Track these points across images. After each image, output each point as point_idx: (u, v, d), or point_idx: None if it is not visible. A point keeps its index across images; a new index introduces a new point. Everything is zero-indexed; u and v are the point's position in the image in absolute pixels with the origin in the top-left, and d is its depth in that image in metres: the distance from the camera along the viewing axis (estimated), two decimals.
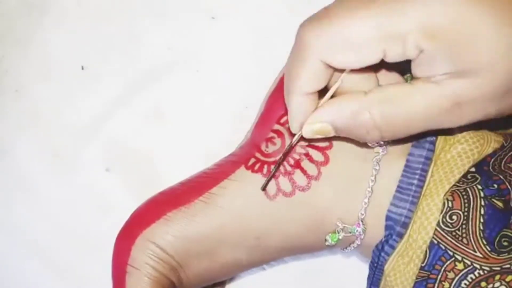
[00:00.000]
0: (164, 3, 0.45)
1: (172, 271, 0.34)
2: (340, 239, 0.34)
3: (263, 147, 0.36)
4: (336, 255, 0.43)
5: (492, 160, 0.33)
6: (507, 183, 0.32)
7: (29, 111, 0.45)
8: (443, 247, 0.31)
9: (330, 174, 0.34)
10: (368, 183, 0.33)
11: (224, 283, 0.42)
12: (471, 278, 0.31)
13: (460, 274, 0.31)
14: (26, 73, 0.45)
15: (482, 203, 0.31)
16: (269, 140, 0.36)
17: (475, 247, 0.31)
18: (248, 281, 0.43)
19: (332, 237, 0.34)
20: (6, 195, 0.45)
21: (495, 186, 0.32)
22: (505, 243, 0.31)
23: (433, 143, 0.33)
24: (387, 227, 0.33)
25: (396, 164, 0.33)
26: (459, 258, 0.31)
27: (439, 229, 0.31)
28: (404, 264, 0.32)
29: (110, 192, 0.45)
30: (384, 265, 0.33)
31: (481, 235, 0.31)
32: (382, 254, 0.33)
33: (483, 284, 0.31)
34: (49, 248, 0.44)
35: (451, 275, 0.31)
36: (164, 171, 0.44)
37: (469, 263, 0.31)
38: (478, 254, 0.31)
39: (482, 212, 0.31)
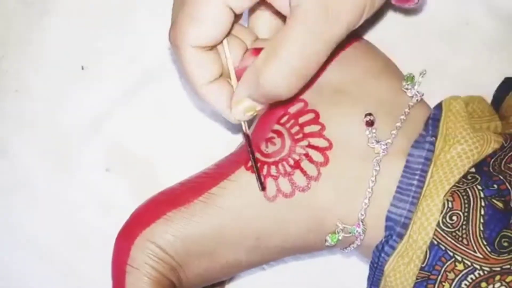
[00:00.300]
0: (164, 3, 0.45)
1: (171, 271, 0.34)
2: (340, 239, 0.34)
3: (263, 147, 0.36)
4: (336, 255, 0.42)
5: (492, 160, 0.33)
6: (507, 184, 0.32)
7: (29, 111, 0.45)
8: (443, 248, 0.31)
9: (330, 175, 0.34)
10: (368, 184, 0.33)
11: (223, 283, 0.42)
12: (471, 278, 0.31)
13: (460, 275, 0.31)
14: (26, 73, 0.45)
15: (482, 204, 0.31)
16: (269, 140, 0.36)
17: (475, 247, 0.31)
18: (248, 281, 0.43)
19: (332, 237, 0.34)
20: (6, 195, 0.45)
21: (495, 186, 0.32)
22: (505, 244, 0.31)
23: (432, 143, 0.33)
24: (387, 227, 0.33)
25: (396, 164, 0.33)
26: (459, 259, 0.31)
27: (439, 229, 0.31)
28: (404, 264, 0.32)
29: (110, 192, 0.44)
30: (384, 265, 0.33)
31: (481, 235, 0.31)
32: (382, 255, 0.33)
33: (483, 284, 0.31)
34: (49, 248, 0.44)
35: (451, 275, 0.31)
36: (164, 171, 0.44)
37: (469, 263, 0.31)
38: (478, 254, 0.31)
39: (482, 212, 0.31)
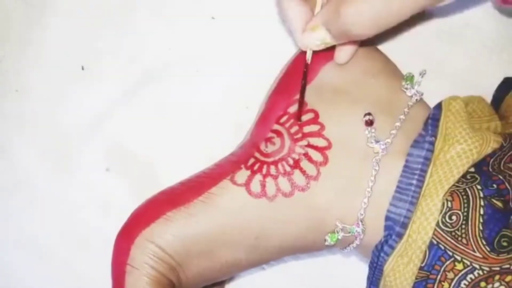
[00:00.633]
0: (164, 3, 0.45)
1: (171, 271, 0.34)
2: (339, 239, 0.34)
3: (263, 147, 0.36)
4: (336, 255, 0.43)
5: (492, 160, 0.33)
6: (506, 183, 0.32)
7: (29, 111, 0.45)
8: (443, 247, 0.31)
9: (330, 174, 0.34)
10: (367, 183, 0.33)
11: (223, 283, 0.42)
12: (470, 278, 0.31)
13: (459, 274, 0.31)
14: (26, 73, 0.45)
15: (482, 203, 0.31)
16: (268, 140, 0.36)
17: (474, 247, 0.31)
18: (248, 281, 0.43)
19: (332, 237, 0.34)
20: (6, 195, 0.45)
21: (494, 186, 0.32)
22: (504, 243, 0.31)
23: (432, 143, 0.33)
24: (386, 227, 0.33)
25: (396, 164, 0.33)
26: (459, 258, 0.31)
27: (438, 229, 0.31)
28: (404, 264, 0.32)
29: (110, 192, 0.45)
30: (384, 265, 0.33)
31: (480, 235, 0.31)
32: (382, 255, 0.33)
33: (482, 284, 0.31)
34: (49, 247, 0.44)
35: (450, 275, 0.31)
36: (164, 171, 0.44)
37: (468, 263, 0.31)
38: (477, 254, 0.31)
39: (482, 212, 0.31)
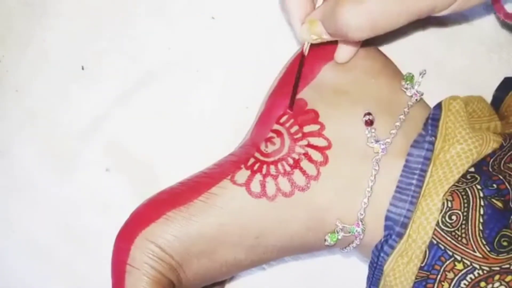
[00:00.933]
0: (164, 3, 0.45)
1: (171, 271, 0.34)
2: (339, 239, 0.34)
3: (263, 147, 0.36)
4: (336, 255, 0.42)
5: (491, 160, 0.33)
6: (506, 183, 0.32)
7: (29, 111, 0.45)
8: (443, 247, 0.31)
9: (330, 174, 0.34)
10: (367, 183, 0.33)
11: (223, 283, 0.42)
12: (470, 278, 0.31)
13: (459, 274, 0.31)
14: (26, 73, 0.45)
15: (482, 203, 0.31)
16: (268, 140, 0.36)
17: (474, 247, 0.31)
18: (248, 281, 0.43)
19: (332, 237, 0.34)
20: (5, 195, 0.45)
21: (494, 186, 0.32)
22: (504, 243, 0.31)
23: (432, 143, 0.33)
24: (386, 227, 0.33)
25: (396, 164, 0.33)
26: (459, 258, 0.31)
27: (438, 229, 0.31)
28: (404, 264, 0.32)
29: (110, 192, 0.45)
30: (384, 265, 0.33)
31: (480, 235, 0.31)
32: (382, 254, 0.33)
33: (482, 284, 0.31)
34: (48, 247, 0.44)
35: (450, 275, 0.31)
36: (164, 171, 0.44)
37: (468, 263, 0.31)
38: (477, 254, 0.31)
39: (482, 212, 0.31)
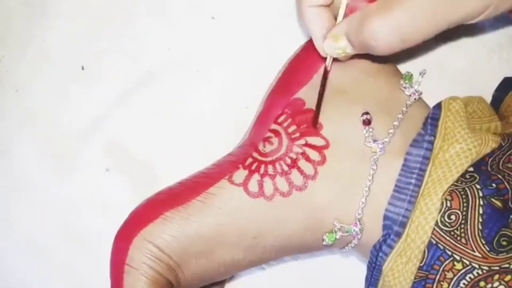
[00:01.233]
0: (164, 3, 0.45)
1: (169, 271, 0.34)
2: (337, 238, 0.34)
3: (261, 147, 0.35)
4: (336, 255, 0.42)
5: (490, 159, 0.33)
6: (505, 183, 0.32)
7: (29, 111, 0.45)
8: (442, 247, 0.31)
9: (327, 174, 0.34)
10: (365, 183, 0.33)
11: (223, 283, 0.42)
12: (469, 277, 0.31)
13: (458, 274, 0.31)
14: (26, 73, 0.46)
15: (481, 203, 0.31)
16: (266, 139, 0.36)
17: (473, 246, 0.31)
18: (247, 281, 0.43)
19: (330, 236, 0.34)
20: (5, 195, 0.45)
21: (493, 185, 0.32)
22: (504, 243, 0.31)
23: (431, 142, 0.33)
24: (384, 226, 0.33)
25: (394, 163, 0.33)
26: (458, 258, 0.31)
27: (437, 229, 0.31)
28: (403, 264, 0.32)
29: (110, 192, 0.45)
30: (382, 265, 0.33)
31: (479, 234, 0.31)
32: (380, 254, 0.33)
33: (481, 283, 0.30)
34: (48, 247, 0.45)
35: (449, 275, 0.31)
36: (164, 171, 0.44)
37: (467, 262, 0.31)
38: (477, 253, 0.31)
39: (481, 211, 0.31)
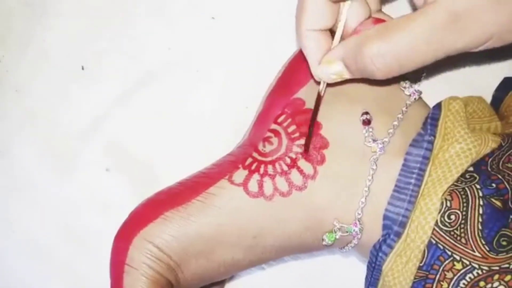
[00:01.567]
0: (164, 3, 0.45)
1: (169, 271, 0.34)
2: (337, 238, 0.34)
3: (260, 147, 0.35)
4: (336, 255, 0.42)
5: (490, 159, 0.33)
6: (505, 183, 0.31)
7: (29, 111, 0.45)
8: (441, 247, 0.31)
9: (327, 174, 0.34)
10: (365, 183, 0.33)
11: (223, 283, 0.42)
12: (469, 278, 0.31)
13: (458, 274, 0.31)
14: (26, 73, 0.46)
15: (481, 203, 0.31)
16: (266, 139, 0.36)
17: (473, 246, 0.31)
18: (247, 281, 0.43)
19: (329, 236, 0.34)
20: (5, 195, 0.45)
21: (493, 185, 0.32)
22: (504, 243, 0.31)
23: (431, 142, 0.33)
24: (384, 226, 0.33)
25: (393, 163, 0.33)
26: (458, 258, 0.31)
27: (437, 228, 0.31)
28: (402, 264, 0.32)
29: (110, 192, 0.45)
30: (382, 265, 0.33)
31: (479, 234, 0.31)
32: (380, 254, 0.33)
33: (481, 283, 0.30)
34: (48, 247, 0.44)
35: (449, 275, 0.31)
36: (164, 171, 0.44)
37: (467, 262, 0.31)
38: (476, 253, 0.31)
39: (481, 211, 0.31)
